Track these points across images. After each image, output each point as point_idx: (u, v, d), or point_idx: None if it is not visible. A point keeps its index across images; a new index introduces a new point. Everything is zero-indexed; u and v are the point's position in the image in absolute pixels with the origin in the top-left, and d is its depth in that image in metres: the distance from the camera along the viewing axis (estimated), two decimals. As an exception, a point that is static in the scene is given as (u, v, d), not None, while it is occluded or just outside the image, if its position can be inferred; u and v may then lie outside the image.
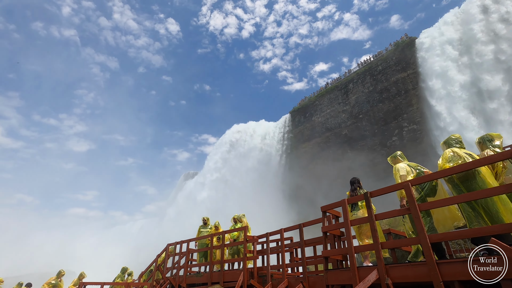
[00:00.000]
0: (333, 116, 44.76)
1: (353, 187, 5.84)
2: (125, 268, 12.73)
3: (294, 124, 51.46)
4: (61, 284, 11.05)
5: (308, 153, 46.52)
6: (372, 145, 38.92)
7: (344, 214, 4.85)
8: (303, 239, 6.42)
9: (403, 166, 4.96)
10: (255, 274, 7.42)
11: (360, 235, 5.23)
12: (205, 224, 10.34)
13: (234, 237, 9.00)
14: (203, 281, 8.73)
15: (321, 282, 5.69)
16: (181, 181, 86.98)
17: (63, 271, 11.45)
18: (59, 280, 11.02)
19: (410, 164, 5.04)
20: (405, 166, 4.97)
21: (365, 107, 40.62)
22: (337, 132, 43.47)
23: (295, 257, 8.85)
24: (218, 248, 8.67)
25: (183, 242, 10.20)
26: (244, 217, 9.27)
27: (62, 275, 11.27)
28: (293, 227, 7.12)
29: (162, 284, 9.85)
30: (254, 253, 7.73)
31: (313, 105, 48.82)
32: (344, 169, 40.65)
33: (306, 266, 6.03)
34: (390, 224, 10.96)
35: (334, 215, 5.68)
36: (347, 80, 44.64)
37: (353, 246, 4.56)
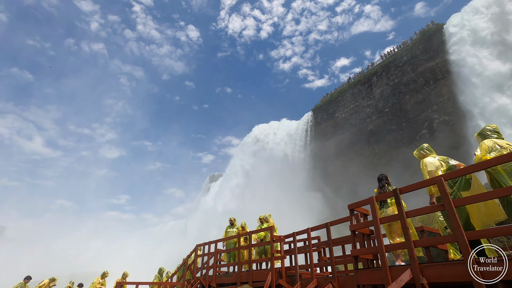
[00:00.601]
0: (357, 111, 43.50)
1: (381, 184, 5.64)
2: (161, 269, 13.23)
3: (316, 121, 50.66)
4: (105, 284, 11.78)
5: (332, 151, 45.57)
6: (399, 140, 37.35)
7: (373, 212, 4.71)
8: (331, 238, 6.31)
9: (431, 160, 4.69)
10: (283, 274, 7.40)
11: (391, 234, 5.05)
12: (231, 225, 10.48)
13: (261, 237, 9.04)
14: (232, 281, 8.85)
15: (351, 282, 5.56)
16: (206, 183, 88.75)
17: (107, 272, 12.17)
18: (103, 280, 11.74)
19: (439, 158, 4.76)
20: (434, 160, 4.70)
21: (391, 101, 39.07)
22: (362, 128, 42.19)
23: (324, 257, 8.72)
24: (246, 248, 8.74)
25: (211, 243, 10.40)
26: (270, 217, 9.28)
27: (106, 276, 11.99)
28: (320, 226, 7.01)
29: (193, 284, 10.11)
30: (282, 252, 7.72)
31: (336, 101, 47.77)
32: (371, 166, 39.38)
33: (335, 266, 5.92)
34: (423, 221, 10.45)
35: (362, 213, 5.53)
36: (370, 74, 43.21)
37: (384, 244, 4.42)
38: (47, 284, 11.25)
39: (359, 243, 5.33)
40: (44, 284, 11.17)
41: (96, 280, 11.89)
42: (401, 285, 3.86)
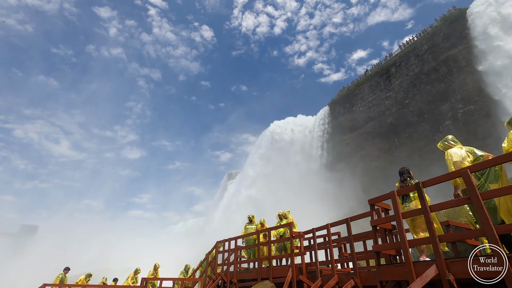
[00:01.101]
0: (375, 104, 42.34)
1: (403, 178, 5.47)
2: (187, 265, 13.56)
3: (333, 116, 49.80)
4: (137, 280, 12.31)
5: (351, 145, 44.69)
6: (421, 132, 36.03)
7: (394, 206, 4.59)
8: (351, 234, 6.22)
9: (456, 151, 4.49)
10: (303, 270, 7.38)
11: (414, 228, 4.90)
12: (250, 222, 10.56)
13: (280, 234, 9.05)
14: (253, 277, 8.93)
15: (373, 278, 5.47)
16: (225, 181, 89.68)
17: (139, 269, 12.70)
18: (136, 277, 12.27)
19: (465, 149, 4.55)
20: (459, 151, 4.50)
21: (411, 91, 37.70)
22: (381, 120, 41.04)
23: (344, 252, 8.62)
24: (265, 244, 8.79)
25: (231, 240, 10.53)
26: (289, 213, 9.26)
27: (138, 273, 12.52)
28: (340, 222, 6.92)
29: (214, 280, 10.30)
30: (302, 249, 7.69)
31: (353, 94, 46.70)
32: (391, 160, 38.31)
33: (356, 262, 5.83)
34: (449, 215, 10.05)
35: (383, 208, 5.40)
36: (388, 65, 41.87)
37: (407, 240, 4.30)
38: (83, 279, 11.98)
39: (381, 239, 5.23)
40: (81, 280, 11.89)
41: (130, 276, 12.46)
42: (426, 281, 3.74)
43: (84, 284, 11.92)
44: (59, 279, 11.80)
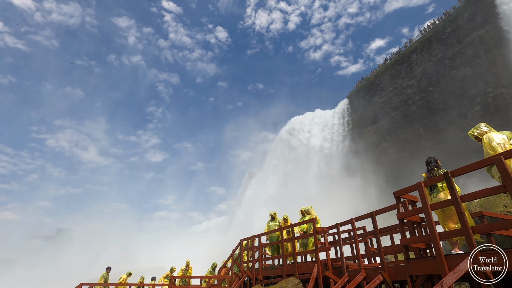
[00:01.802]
0: (397, 93, 40.81)
1: (429, 168, 5.23)
2: (214, 263, 13.84)
3: (353, 108, 48.58)
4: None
5: (373, 137, 43.42)
6: (448, 120, 34.32)
7: (422, 198, 4.41)
8: (377, 228, 6.05)
9: (497, 134, 4.14)
10: (329, 266, 7.29)
11: (444, 220, 4.68)
12: (273, 219, 10.56)
13: (304, 230, 8.98)
14: (278, 274, 8.94)
15: (402, 272, 5.29)
16: (246, 179, 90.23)
17: (174, 267, 13.16)
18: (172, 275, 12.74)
19: (506, 134, 4.21)
20: (500, 134, 4.14)
21: (435, 78, 35.98)
22: (404, 110, 39.52)
23: (371, 247, 8.41)
24: (289, 241, 8.76)
25: (255, 237, 10.59)
26: (312, 209, 9.17)
27: (174, 271, 13.00)
28: (364, 216, 6.76)
29: (240, 277, 10.42)
30: (326, 244, 7.60)
31: (372, 85, 45.28)
32: (416, 150, 36.86)
33: (384, 256, 5.67)
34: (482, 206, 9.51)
35: (410, 200, 5.20)
36: (409, 52, 40.18)
37: (437, 232, 4.12)
38: (125, 278, 12.55)
39: (409, 232, 5.04)
40: (123, 278, 12.48)
41: (165, 274, 12.96)
42: (460, 274, 3.57)
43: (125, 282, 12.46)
44: (103, 279, 12.44)
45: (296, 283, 7.70)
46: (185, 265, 12.98)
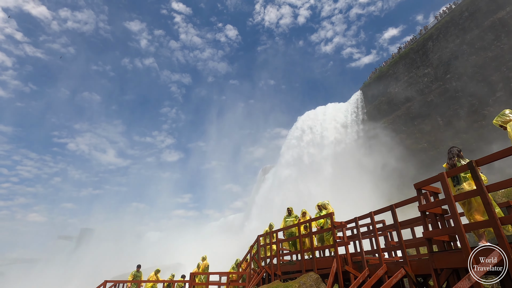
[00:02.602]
0: (412, 83, 39.59)
1: (451, 157, 5.04)
2: (238, 260, 13.94)
3: (367, 100, 47.56)
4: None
5: (389, 129, 42.38)
6: (469, 107, 33.00)
7: (445, 189, 4.25)
8: (398, 221, 5.91)
9: None
10: (348, 260, 7.20)
11: (470, 212, 4.50)
12: (289, 214, 10.53)
13: (321, 224, 8.90)
14: (297, 269, 8.92)
15: (426, 266, 5.15)
16: (260, 176, 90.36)
17: (200, 263, 13.24)
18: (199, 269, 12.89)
19: None
20: None
21: (453, 65, 34.62)
22: (420, 100, 38.31)
23: (391, 241, 8.25)
24: (307, 236, 8.71)
25: (272, 233, 10.60)
26: (328, 204, 9.07)
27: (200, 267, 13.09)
28: (383, 209, 6.61)
29: (259, 272, 10.47)
30: (345, 239, 7.50)
31: (386, 75, 44.12)
32: (435, 141, 35.73)
33: (405, 250, 5.54)
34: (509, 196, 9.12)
35: (431, 192, 5.04)
36: (424, 39, 38.83)
37: (462, 224, 3.97)
38: (153, 275, 12.85)
39: (431, 224, 4.89)
40: (151, 276, 12.79)
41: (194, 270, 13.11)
42: (489, 267, 3.43)
43: (154, 279, 12.74)
44: (132, 276, 12.79)
45: (315, 278, 7.66)
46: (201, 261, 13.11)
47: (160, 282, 12.55)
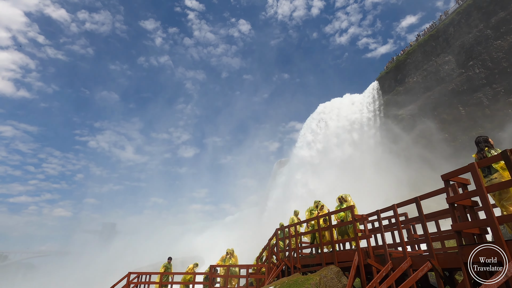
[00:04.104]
0: (432, 71, 38.11)
1: (480, 148, 4.83)
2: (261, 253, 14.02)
3: (384, 90, 46.24)
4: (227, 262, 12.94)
5: (407, 120, 41.14)
6: (492, 96, 31.47)
7: (476, 180, 4.09)
8: (423, 214, 5.75)
9: None
10: (370, 254, 7.10)
11: (502, 203, 4.31)
12: (316, 207, 10.50)
13: (341, 218, 8.81)
14: (317, 262, 8.90)
15: (454, 259, 4.99)
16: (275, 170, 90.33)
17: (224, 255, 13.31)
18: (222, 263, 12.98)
19: None
20: None
21: (476, 50, 33.00)
22: (441, 89, 36.86)
23: (414, 234, 8.07)
24: (327, 229, 8.65)
25: (290, 226, 10.61)
26: (349, 196, 8.95)
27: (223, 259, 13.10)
28: (407, 202, 6.46)
29: (278, 265, 10.53)
30: (366, 232, 7.39)
31: (404, 64, 42.66)
32: (457, 131, 34.41)
33: (431, 242, 5.39)
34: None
35: (460, 183, 4.86)
36: (444, 25, 37.16)
37: (495, 216, 3.81)
38: (191, 268, 13.10)
39: (460, 217, 4.73)
40: (190, 268, 13.04)
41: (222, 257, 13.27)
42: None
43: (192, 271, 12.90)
44: (164, 268, 13.12)
45: (336, 271, 7.62)
46: (225, 254, 13.19)
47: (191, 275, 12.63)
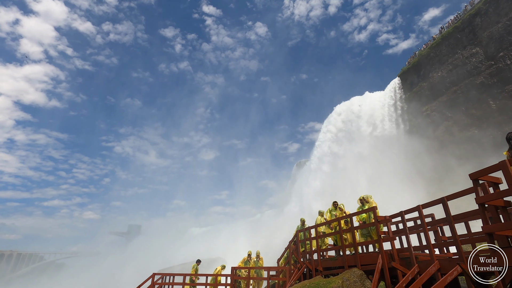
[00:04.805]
0: (458, 65, 36.32)
1: (511, 144, 4.54)
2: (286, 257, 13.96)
3: (406, 87, 44.63)
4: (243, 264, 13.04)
5: (432, 116, 39.44)
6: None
7: (508, 178, 3.84)
8: (450, 214, 5.48)
9: None
10: (395, 256, 6.86)
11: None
12: (335, 208, 10.32)
13: (363, 219, 8.57)
14: (339, 265, 8.71)
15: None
16: (294, 171, 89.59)
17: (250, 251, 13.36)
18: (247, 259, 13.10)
19: None
20: None
21: (506, 41, 31.09)
22: (468, 83, 35.03)
23: (442, 236, 7.70)
24: (348, 231, 8.45)
25: (311, 228, 10.46)
26: (371, 197, 8.70)
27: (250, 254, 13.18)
28: (433, 202, 6.17)
29: (299, 268, 10.41)
30: (390, 234, 7.15)
31: (427, 59, 40.97)
32: (487, 127, 32.51)
33: (460, 245, 5.12)
34: None
35: (490, 183, 4.58)
36: (470, 15, 35.33)
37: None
38: (219, 270, 13.37)
39: (492, 218, 4.46)
40: (218, 270, 13.31)
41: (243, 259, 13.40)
42: None
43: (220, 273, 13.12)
44: (194, 270, 13.58)
45: (359, 275, 7.43)
46: (247, 256, 13.17)
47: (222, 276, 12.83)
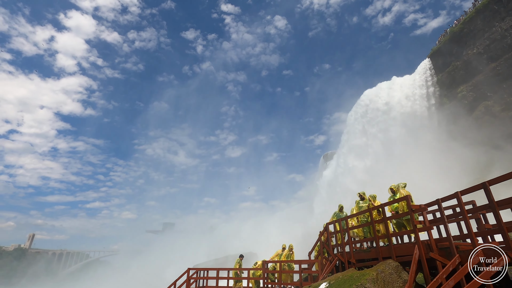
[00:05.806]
0: (496, 39, 33.41)
1: None
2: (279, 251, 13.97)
3: (437, 68, 41.91)
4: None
5: (468, 97, 36.74)
6: None
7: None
8: (494, 200, 5.07)
9: None
10: (433, 246, 6.50)
11: None
12: (362, 199, 10.02)
13: (395, 209, 8.21)
14: (372, 257, 8.45)
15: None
16: (322, 163, 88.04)
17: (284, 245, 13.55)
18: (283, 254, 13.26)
19: None
20: None
21: (553, 7, 28.01)
22: (509, 57, 32.12)
23: (485, 224, 7.18)
24: (381, 222, 8.15)
25: (341, 220, 10.24)
26: (403, 186, 8.30)
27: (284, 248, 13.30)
28: (473, 188, 5.74)
29: (331, 260, 10.26)
30: (427, 223, 6.79)
31: (460, 35, 38.12)
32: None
33: (507, 233, 4.73)
34: None
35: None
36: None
37: None
38: (260, 264, 13.69)
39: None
40: (258, 264, 13.65)
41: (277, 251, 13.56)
42: None
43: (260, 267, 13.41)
44: (238, 264, 14.07)
45: (395, 266, 7.15)
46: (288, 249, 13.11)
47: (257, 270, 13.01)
